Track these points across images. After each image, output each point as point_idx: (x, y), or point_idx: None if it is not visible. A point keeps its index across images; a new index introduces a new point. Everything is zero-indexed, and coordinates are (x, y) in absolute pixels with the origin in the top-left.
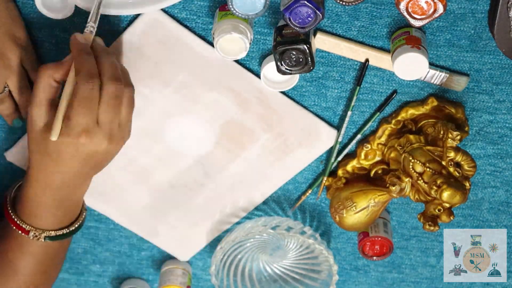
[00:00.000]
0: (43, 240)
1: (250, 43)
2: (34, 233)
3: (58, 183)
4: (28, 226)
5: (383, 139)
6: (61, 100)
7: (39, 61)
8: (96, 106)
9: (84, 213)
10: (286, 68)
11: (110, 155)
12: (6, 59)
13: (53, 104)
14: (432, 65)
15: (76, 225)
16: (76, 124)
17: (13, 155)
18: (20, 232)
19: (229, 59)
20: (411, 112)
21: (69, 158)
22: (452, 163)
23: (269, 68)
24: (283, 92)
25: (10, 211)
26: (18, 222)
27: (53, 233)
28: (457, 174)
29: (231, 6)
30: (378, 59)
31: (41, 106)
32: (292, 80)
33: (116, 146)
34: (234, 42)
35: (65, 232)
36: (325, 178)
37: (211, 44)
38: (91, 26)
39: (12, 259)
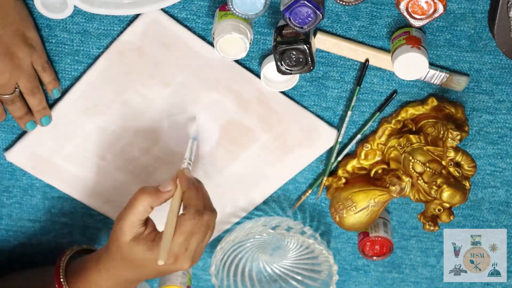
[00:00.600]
0: None
1: (250, 43)
2: None
3: (127, 279)
4: None
5: (383, 139)
6: (166, 228)
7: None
8: (192, 236)
9: None
10: (286, 68)
11: (178, 271)
12: (16, 59)
13: (145, 221)
14: (432, 65)
15: None
16: (171, 251)
17: (13, 155)
18: None
19: (229, 59)
20: (411, 112)
21: (150, 270)
22: (452, 163)
23: (269, 68)
24: (283, 92)
25: (62, 280)
26: None
27: None
28: (457, 174)
29: (231, 6)
30: (378, 59)
31: (134, 225)
32: (292, 80)
33: (192, 265)
34: (234, 42)
35: None
36: (325, 178)
37: (211, 44)
38: (188, 162)
39: None
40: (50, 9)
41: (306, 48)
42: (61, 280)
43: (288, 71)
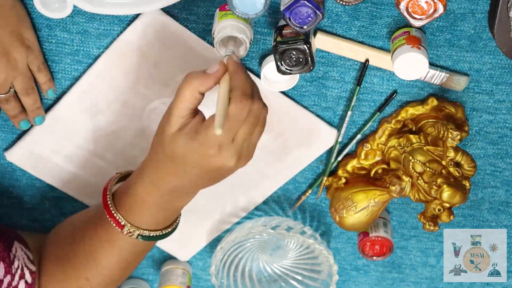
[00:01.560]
0: (135, 238)
1: (250, 43)
2: (129, 229)
3: (171, 187)
4: (124, 221)
5: (383, 139)
6: (218, 100)
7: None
8: (239, 124)
9: (179, 219)
10: (286, 68)
11: (230, 173)
12: (12, 60)
13: (193, 112)
14: (432, 65)
15: (170, 229)
16: (214, 137)
17: (13, 155)
18: (114, 225)
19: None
20: (411, 112)
21: (193, 166)
22: (452, 163)
23: (269, 68)
24: (283, 92)
25: (109, 203)
26: (115, 215)
27: (147, 233)
28: (457, 174)
29: (231, 6)
30: (378, 59)
31: (182, 114)
32: (292, 80)
33: (240, 165)
34: (234, 42)
35: (158, 234)
36: (325, 178)
37: (211, 44)
38: (230, 50)
39: (98, 249)
40: (49, 9)
41: (306, 48)
42: (108, 202)
43: (288, 71)
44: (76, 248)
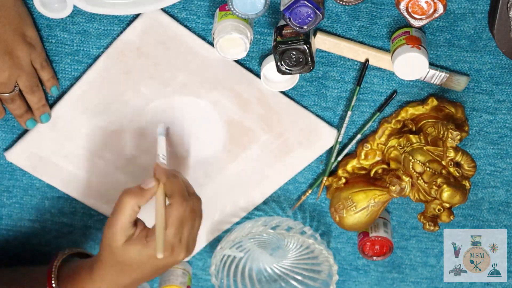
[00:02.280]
0: None
1: (250, 43)
2: None
3: (122, 285)
4: None
5: (383, 139)
6: (157, 220)
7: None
8: (183, 225)
9: None
10: (286, 68)
11: (176, 264)
12: (16, 58)
13: (134, 222)
14: (432, 65)
15: None
16: (165, 242)
17: (13, 155)
18: None
19: (229, 59)
20: (411, 112)
21: (147, 268)
22: (452, 163)
23: (269, 68)
24: (283, 92)
25: (54, 286)
26: None
27: None
28: (457, 174)
29: (231, 6)
30: (378, 59)
31: (125, 228)
32: (292, 80)
33: (187, 256)
34: (234, 42)
35: None
36: (325, 178)
37: (211, 44)
38: (162, 157)
39: None
40: (49, 9)
41: (306, 48)
42: (53, 285)
43: (288, 71)
44: None
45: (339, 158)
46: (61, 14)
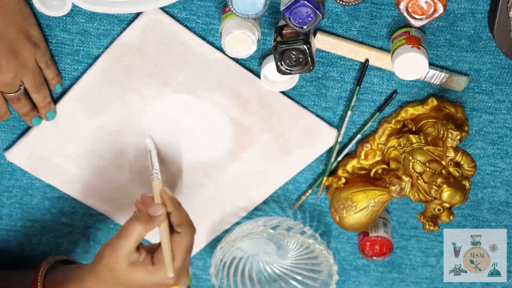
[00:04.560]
0: None
1: (258, 40)
2: None
3: None
4: None
5: (383, 139)
6: (164, 248)
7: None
8: (189, 252)
9: None
10: (286, 68)
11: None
12: (20, 57)
13: (138, 247)
14: (432, 65)
15: None
16: (175, 270)
17: (13, 155)
18: None
19: (238, 56)
20: (411, 112)
21: (140, 286)
22: (452, 163)
23: (269, 68)
24: (283, 92)
25: None
26: None
27: None
28: (457, 174)
29: (231, 7)
30: (378, 59)
31: (130, 252)
32: (292, 80)
33: (178, 284)
34: (242, 40)
35: None
36: (325, 178)
37: (211, 44)
38: (155, 172)
39: None
40: (48, 7)
41: (306, 48)
42: None
43: (288, 71)
44: None
45: (339, 158)
46: (60, 12)
